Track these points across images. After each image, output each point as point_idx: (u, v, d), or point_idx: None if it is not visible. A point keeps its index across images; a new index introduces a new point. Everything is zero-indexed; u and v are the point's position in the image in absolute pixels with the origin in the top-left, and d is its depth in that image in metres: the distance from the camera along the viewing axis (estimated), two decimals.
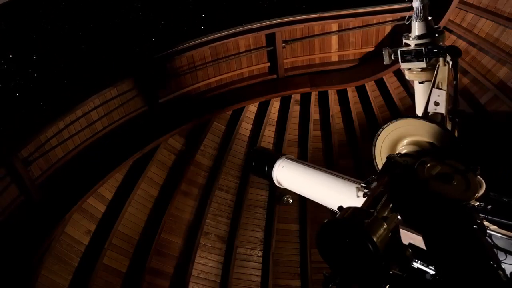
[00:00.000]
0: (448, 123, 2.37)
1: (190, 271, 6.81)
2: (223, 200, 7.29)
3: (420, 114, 2.48)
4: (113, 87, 6.07)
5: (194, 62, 6.69)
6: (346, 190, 2.26)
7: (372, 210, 1.58)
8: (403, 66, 2.77)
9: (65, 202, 5.74)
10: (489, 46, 6.35)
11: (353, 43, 7.14)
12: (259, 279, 7.17)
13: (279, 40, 6.81)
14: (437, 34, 2.76)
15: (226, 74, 6.98)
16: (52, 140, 5.64)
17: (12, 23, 15.43)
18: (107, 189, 6.29)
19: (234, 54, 6.88)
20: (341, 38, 7.09)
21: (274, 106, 7.50)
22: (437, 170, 1.77)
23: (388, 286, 1.47)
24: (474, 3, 6.32)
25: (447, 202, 1.64)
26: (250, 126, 7.47)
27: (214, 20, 16.75)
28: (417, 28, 2.76)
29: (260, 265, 7.23)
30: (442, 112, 2.35)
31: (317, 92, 7.38)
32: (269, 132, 7.53)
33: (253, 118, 7.49)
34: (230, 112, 7.30)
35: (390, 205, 1.69)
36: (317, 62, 7.29)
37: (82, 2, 16.33)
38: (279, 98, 7.46)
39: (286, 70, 7.19)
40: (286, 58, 7.09)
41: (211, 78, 6.90)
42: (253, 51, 6.95)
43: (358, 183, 2.17)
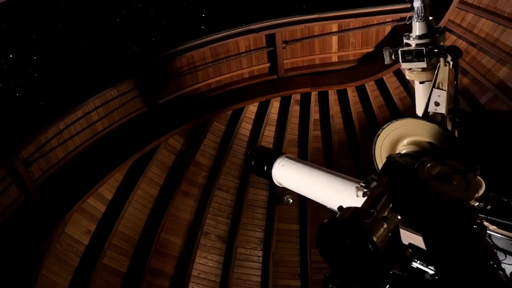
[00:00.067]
0: (448, 123, 2.37)
1: (190, 271, 6.81)
2: (223, 200, 7.29)
3: (420, 114, 2.48)
4: (113, 88, 6.08)
5: (194, 62, 6.69)
6: (346, 190, 2.26)
7: (372, 210, 1.58)
8: (404, 66, 2.76)
9: (65, 202, 5.74)
10: (489, 46, 6.35)
11: (353, 44, 7.14)
12: (259, 279, 7.17)
13: (279, 40, 6.81)
14: (438, 34, 2.76)
15: (226, 74, 6.98)
16: (52, 140, 5.65)
17: (12, 23, 15.43)
18: (107, 189, 6.30)
19: (234, 55, 6.88)
20: (341, 38, 7.09)
21: (274, 106, 7.50)
22: (437, 170, 1.77)
23: (388, 286, 1.47)
24: (474, 3, 6.32)
25: (447, 202, 1.64)
26: (250, 126, 7.48)
27: (214, 20, 16.76)
28: (417, 28, 2.75)
29: (260, 265, 7.23)
30: (443, 112, 2.35)
31: (317, 92, 7.38)
32: (269, 132, 7.53)
33: (253, 118, 7.49)
34: (230, 112, 7.30)
35: (390, 205, 1.69)
36: (317, 62, 7.29)
37: (82, 2, 16.34)
38: (279, 98, 7.46)
39: (286, 70, 7.19)
40: (286, 59, 7.10)
41: (211, 79, 6.91)
42: (253, 52, 6.95)
43: (357, 183, 2.17)
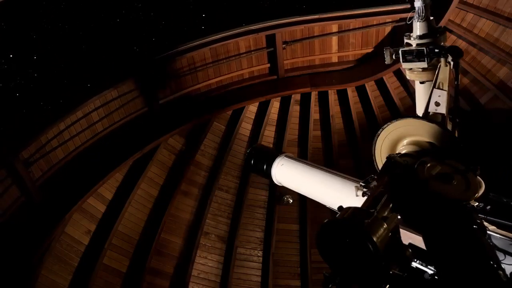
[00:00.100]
0: (448, 124, 2.36)
1: (190, 271, 6.81)
2: (223, 200, 7.29)
3: (420, 114, 2.47)
4: (113, 89, 6.08)
5: (195, 63, 6.69)
6: (345, 189, 2.25)
7: (372, 210, 1.58)
8: (405, 66, 2.76)
9: (65, 202, 5.74)
10: (489, 46, 6.35)
11: (353, 44, 7.14)
12: (259, 279, 7.17)
13: (279, 41, 6.81)
14: (438, 34, 2.75)
15: (226, 75, 6.99)
16: (52, 141, 5.65)
17: (12, 23, 15.43)
18: (107, 189, 6.30)
19: (235, 55, 6.88)
20: (341, 39, 7.09)
21: (274, 106, 7.50)
22: (437, 170, 1.77)
23: (388, 286, 1.47)
24: (474, 3, 6.32)
25: (447, 202, 1.64)
26: (250, 126, 7.47)
27: (215, 20, 16.76)
28: (418, 28, 2.74)
29: (260, 265, 7.23)
30: (443, 112, 2.34)
31: (317, 92, 7.38)
32: (269, 132, 7.53)
33: (253, 118, 7.49)
34: (230, 112, 7.30)
35: (390, 205, 1.69)
36: (317, 63, 7.29)
37: (82, 2, 16.34)
38: (279, 98, 7.46)
39: (286, 71, 7.19)
40: (286, 59, 7.10)
41: (211, 79, 6.91)
42: (253, 52, 6.95)
43: (357, 182, 2.17)
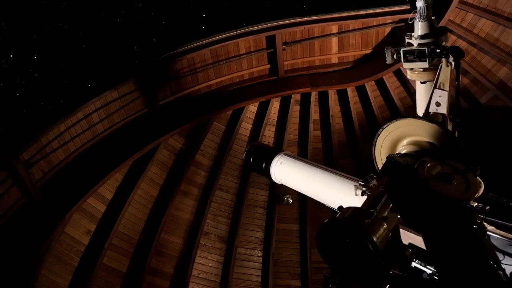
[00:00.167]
0: (449, 124, 2.36)
1: (190, 271, 6.81)
2: (223, 200, 7.29)
3: (421, 114, 2.47)
4: (114, 90, 6.08)
5: (195, 64, 6.70)
6: (344, 188, 2.25)
7: (372, 210, 1.58)
8: (406, 66, 2.75)
9: (65, 202, 5.74)
10: (489, 46, 6.35)
11: (353, 45, 7.14)
12: (259, 279, 7.17)
13: (279, 42, 6.81)
14: (440, 34, 2.75)
15: (226, 76, 6.99)
16: (53, 142, 5.66)
17: (12, 23, 15.43)
18: (107, 189, 6.30)
19: (235, 56, 6.88)
20: (341, 40, 7.09)
21: (274, 106, 7.50)
22: (437, 170, 1.77)
23: (388, 286, 1.47)
24: (474, 3, 6.32)
25: (447, 202, 1.64)
26: (250, 126, 7.47)
27: (215, 20, 16.77)
28: (420, 27, 2.74)
29: (260, 265, 7.23)
30: (444, 112, 2.34)
31: (317, 92, 7.38)
32: (269, 132, 7.53)
33: (253, 118, 7.49)
34: (230, 112, 7.31)
35: (390, 205, 1.69)
36: (317, 64, 7.29)
37: (82, 2, 16.34)
38: (279, 98, 7.46)
39: (286, 72, 7.19)
40: (286, 60, 7.10)
41: (212, 80, 6.92)
42: (253, 53, 6.96)
43: (356, 181, 2.17)
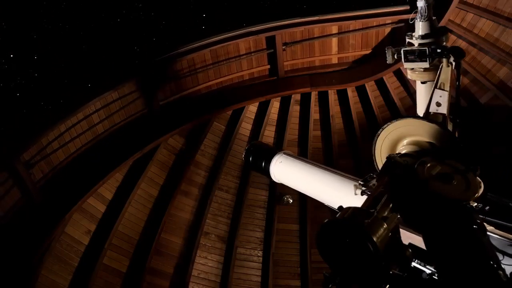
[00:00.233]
0: (449, 124, 2.36)
1: (190, 271, 6.81)
2: (223, 200, 7.29)
3: (421, 114, 2.47)
4: (114, 90, 6.09)
5: (195, 64, 6.70)
6: (344, 188, 2.24)
7: (372, 210, 1.58)
8: (406, 66, 2.74)
9: (65, 202, 5.75)
10: (489, 46, 6.35)
11: (353, 45, 7.14)
12: (259, 279, 7.17)
13: (279, 42, 6.82)
14: (441, 34, 2.74)
15: (226, 76, 6.99)
16: (53, 143, 5.66)
17: (13, 23, 15.43)
18: (107, 189, 6.30)
19: (235, 57, 6.88)
20: (341, 40, 7.09)
21: (274, 106, 7.50)
22: (437, 170, 1.77)
23: (388, 286, 1.47)
24: (474, 3, 6.31)
25: (447, 202, 1.64)
26: (250, 126, 7.47)
27: (215, 20, 16.77)
28: (421, 27, 2.73)
29: (260, 265, 7.23)
30: (444, 112, 2.33)
31: (317, 92, 7.38)
32: (269, 132, 7.53)
33: (253, 118, 7.49)
34: (230, 112, 7.31)
35: (390, 205, 1.69)
36: (317, 64, 7.29)
37: (83, 2, 16.34)
38: (279, 98, 7.46)
39: (286, 72, 7.19)
40: (286, 61, 7.10)
41: (212, 81, 6.92)
42: (253, 54, 6.96)
43: (356, 181, 2.16)
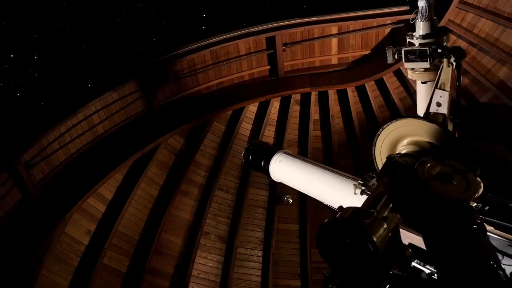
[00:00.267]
0: (449, 124, 2.36)
1: (190, 271, 6.81)
2: (223, 200, 7.29)
3: (421, 114, 2.47)
4: (114, 91, 6.09)
5: (195, 65, 6.70)
6: (343, 187, 2.24)
7: (372, 210, 1.58)
8: (407, 65, 2.74)
9: (65, 202, 5.75)
10: (489, 46, 6.35)
11: (353, 46, 7.15)
12: (259, 279, 7.17)
13: (279, 43, 6.82)
14: (441, 35, 2.74)
15: (226, 77, 6.99)
16: (54, 143, 5.67)
17: (13, 23, 15.44)
18: (107, 189, 6.30)
19: (235, 57, 6.89)
20: (341, 41, 7.10)
21: (274, 106, 7.50)
22: (437, 170, 1.76)
23: (388, 286, 1.46)
24: (474, 3, 6.32)
25: (447, 202, 1.64)
26: (250, 126, 7.48)
27: (215, 20, 16.77)
28: (421, 27, 2.72)
29: (260, 265, 7.23)
30: (444, 112, 2.33)
31: (317, 92, 7.38)
32: (269, 132, 7.53)
33: (253, 118, 7.49)
34: (230, 112, 7.31)
35: (390, 205, 1.69)
36: (317, 65, 7.29)
37: (83, 2, 16.35)
38: (279, 98, 7.47)
39: (287, 72, 7.20)
40: (286, 61, 7.11)
41: (212, 81, 6.92)
42: (253, 54, 6.96)
43: (355, 180, 2.16)
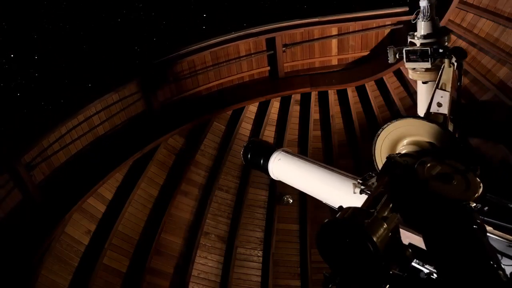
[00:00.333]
0: (450, 124, 2.36)
1: (190, 271, 6.81)
2: (223, 200, 7.29)
3: (422, 114, 2.47)
4: (114, 92, 6.10)
5: (195, 66, 6.71)
6: (343, 186, 2.23)
7: (372, 210, 1.58)
8: (408, 65, 2.74)
9: (65, 202, 5.75)
10: (489, 46, 6.35)
11: (352, 47, 7.15)
12: (259, 279, 7.17)
13: (279, 44, 6.83)
14: (442, 34, 2.74)
15: (226, 78, 7.00)
16: (54, 145, 5.67)
17: (13, 23, 15.45)
18: (107, 189, 6.30)
19: (235, 58, 6.89)
20: (340, 42, 7.10)
21: (274, 106, 7.50)
22: (437, 170, 1.76)
23: (388, 286, 1.46)
24: (474, 3, 6.32)
25: (447, 202, 1.64)
26: (250, 126, 7.48)
27: (215, 20, 16.78)
28: (423, 27, 2.72)
29: (260, 265, 7.23)
30: (445, 113, 2.33)
31: (317, 92, 7.38)
32: (269, 132, 7.54)
33: (253, 118, 7.49)
34: (230, 112, 7.31)
35: (390, 205, 1.69)
36: (317, 66, 7.30)
37: (83, 2, 16.35)
38: (279, 98, 7.47)
39: (287, 73, 7.20)
40: (286, 62, 7.11)
41: (212, 82, 6.93)
42: (253, 55, 6.97)
43: (355, 179, 2.16)
